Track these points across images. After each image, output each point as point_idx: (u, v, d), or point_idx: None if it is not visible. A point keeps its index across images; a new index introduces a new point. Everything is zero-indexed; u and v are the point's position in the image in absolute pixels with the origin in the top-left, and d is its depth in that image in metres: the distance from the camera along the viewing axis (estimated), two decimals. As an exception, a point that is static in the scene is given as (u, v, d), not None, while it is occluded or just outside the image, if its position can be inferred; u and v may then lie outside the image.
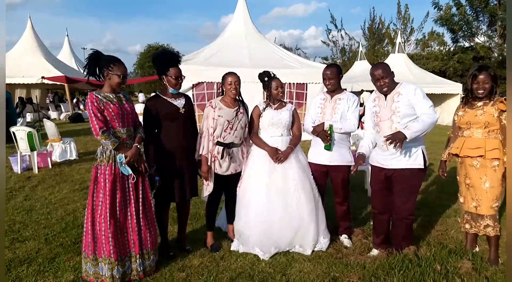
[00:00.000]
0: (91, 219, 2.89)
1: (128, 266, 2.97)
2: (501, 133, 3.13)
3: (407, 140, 2.94)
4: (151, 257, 3.11)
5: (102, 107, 2.85)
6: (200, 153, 3.41)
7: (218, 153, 3.43)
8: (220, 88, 3.58)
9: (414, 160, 3.16)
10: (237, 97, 3.52)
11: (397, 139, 2.92)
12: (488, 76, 3.15)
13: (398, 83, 3.26)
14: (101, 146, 2.94)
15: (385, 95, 3.26)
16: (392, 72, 3.24)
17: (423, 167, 3.17)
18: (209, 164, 3.43)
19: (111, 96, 2.93)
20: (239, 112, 3.49)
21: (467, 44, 26.73)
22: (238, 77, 3.50)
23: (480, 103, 3.20)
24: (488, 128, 3.16)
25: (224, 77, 3.49)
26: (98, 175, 2.89)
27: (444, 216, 4.48)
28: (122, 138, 2.94)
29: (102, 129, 2.81)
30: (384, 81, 3.19)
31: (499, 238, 3.31)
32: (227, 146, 3.47)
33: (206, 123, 3.44)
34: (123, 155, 2.86)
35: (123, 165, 2.86)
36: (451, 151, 3.43)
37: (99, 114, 2.82)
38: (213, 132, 3.41)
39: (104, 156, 2.89)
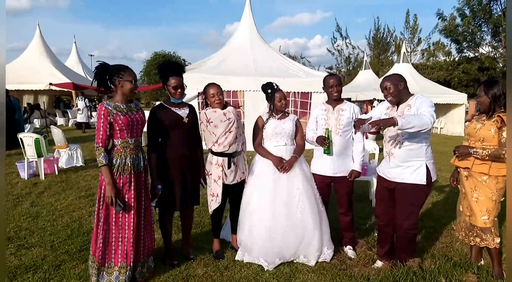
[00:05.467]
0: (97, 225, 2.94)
1: (117, 276, 2.97)
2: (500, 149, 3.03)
3: (397, 127, 2.79)
4: (146, 265, 3.16)
5: (111, 120, 2.88)
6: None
7: (224, 163, 3.46)
8: (204, 101, 3.59)
9: (417, 175, 3.11)
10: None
11: (384, 124, 2.81)
12: (482, 91, 3.14)
13: (412, 95, 3.18)
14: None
15: (397, 106, 3.21)
16: (402, 84, 3.15)
17: (425, 183, 3.11)
18: (218, 178, 3.46)
19: (122, 107, 2.96)
20: (227, 112, 3.45)
21: (472, 55, 26.77)
22: (220, 87, 3.48)
23: (484, 117, 3.20)
24: (484, 143, 3.13)
25: (205, 90, 3.49)
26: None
27: (449, 228, 4.46)
28: (129, 148, 2.98)
29: (97, 146, 2.86)
30: (388, 91, 3.15)
31: (499, 250, 3.28)
32: (231, 156, 3.50)
33: (204, 126, 3.48)
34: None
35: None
36: (451, 160, 3.46)
37: (101, 130, 2.85)
38: (216, 140, 3.44)
39: (111, 165, 2.92)
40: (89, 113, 16.78)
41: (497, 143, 3.06)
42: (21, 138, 7.09)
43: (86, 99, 16.39)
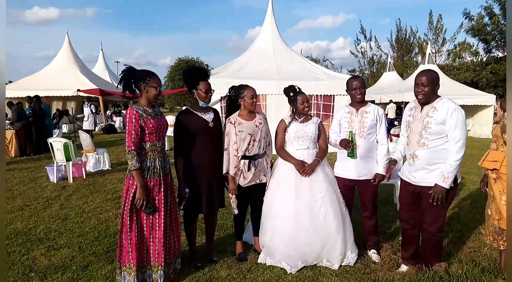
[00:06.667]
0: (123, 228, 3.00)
1: (149, 274, 3.04)
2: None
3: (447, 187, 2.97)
4: (172, 266, 3.21)
5: (142, 124, 2.94)
6: (225, 171, 3.48)
7: (244, 166, 3.49)
8: (227, 100, 3.66)
9: (442, 177, 3.04)
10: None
11: (439, 194, 2.98)
12: None
13: (439, 96, 3.08)
14: None
15: (422, 106, 3.14)
16: (437, 84, 3.06)
17: (452, 185, 3.05)
18: (237, 180, 3.49)
19: (149, 111, 3.02)
20: (258, 124, 3.54)
21: (500, 54, 25.95)
22: (255, 90, 3.58)
23: (506, 115, 3.10)
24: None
25: (242, 92, 3.53)
26: (130, 185, 2.99)
27: (477, 232, 4.34)
28: (156, 151, 3.04)
29: (129, 149, 2.91)
30: (422, 88, 3.04)
31: None
32: (252, 158, 3.52)
33: (228, 139, 3.49)
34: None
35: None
36: (478, 163, 3.38)
37: (133, 133, 2.89)
38: (237, 147, 3.46)
39: (142, 168, 2.98)
40: (95, 120, 16.12)
41: None
42: (50, 143, 7.33)
43: (92, 106, 15.85)
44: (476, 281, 3.05)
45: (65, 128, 17.60)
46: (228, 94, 3.66)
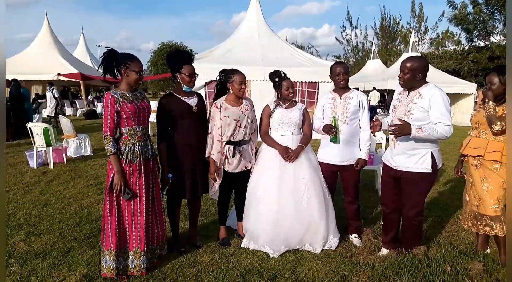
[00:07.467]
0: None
1: (132, 260, 3.03)
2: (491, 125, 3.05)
3: (410, 137, 2.95)
4: (157, 252, 3.20)
5: (118, 108, 2.88)
6: (208, 155, 3.46)
7: (229, 152, 3.48)
8: (217, 86, 3.62)
9: (422, 163, 3.08)
10: None
11: (401, 132, 2.91)
12: (496, 78, 3.10)
13: (426, 83, 3.08)
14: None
15: (409, 92, 3.15)
16: (420, 75, 3.04)
17: (430, 171, 3.09)
18: (219, 164, 3.48)
19: (127, 95, 2.96)
20: (245, 110, 3.52)
21: (482, 44, 26.36)
22: (245, 76, 3.53)
23: (492, 104, 3.14)
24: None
25: (231, 76, 3.47)
26: (110, 170, 2.94)
27: (455, 217, 4.45)
28: (137, 136, 2.99)
29: (105, 134, 2.87)
30: (402, 75, 3.07)
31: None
32: (237, 144, 3.51)
33: (212, 124, 3.47)
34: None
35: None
36: (459, 150, 3.43)
37: (109, 118, 2.85)
38: (222, 133, 3.44)
39: (119, 153, 2.94)
40: (59, 106, 14.66)
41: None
42: (30, 128, 7.17)
43: (55, 90, 14.41)
44: (453, 263, 3.13)
45: (45, 113, 17.20)
46: (217, 77, 3.62)
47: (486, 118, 3.11)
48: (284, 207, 3.46)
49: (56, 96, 14.30)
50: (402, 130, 2.91)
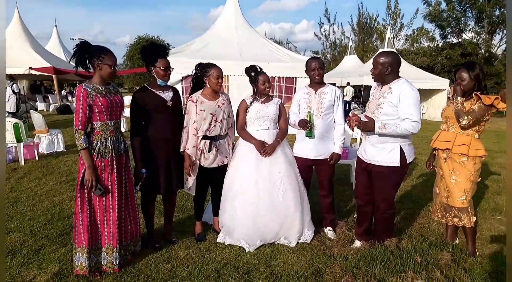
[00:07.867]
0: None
1: (104, 256, 2.98)
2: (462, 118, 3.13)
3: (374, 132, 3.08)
4: (130, 249, 3.17)
5: (91, 102, 2.82)
6: (182, 149, 3.43)
7: (205, 146, 3.46)
8: (193, 78, 3.59)
9: (390, 157, 3.13)
10: None
11: (365, 128, 3.09)
12: (466, 74, 3.19)
13: (398, 78, 3.12)
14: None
15: (382, 86, 3.20)
16: (389, 70, 3.09)
17: (398, 165, 3.13)
18: (194, 159, 3.45)
19: (100, 89, 2.89)
20: (221, 104, 3.50)
21: (455, 40, 27.01)
22: (222, 70, 3.51)
23: (460, 100, 3.24)
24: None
25: (208, 70, 3.44)
26: (81, 166, 2.87)
27: (427, 209, 4.56)
28: (109, 131, 2.93)
29: (76, 128, 2.80)
30: (373, 70, 3.15)
31: (474, 230, 3.39)
32: (213, 139, 3.49)
33: (188, 118, 3.44)
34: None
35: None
36: (430, 144, 3.53)
37: (80, 112, 2.78)
38: (197, 127, 3.41)
39: (91, 148, 2.88)
40: (18, 101, 13.91)
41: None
42: (-1, 123, 6.92)
43: (15, 85, 13.77)
44: (424, 254, 3.22)
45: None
46: (194, 71, 3.58)
47: (454, 113, 3.20)
48: (260, 201, 3.47)
49: (16, 91, 13.53)
50: (366, 126, 3.04)
